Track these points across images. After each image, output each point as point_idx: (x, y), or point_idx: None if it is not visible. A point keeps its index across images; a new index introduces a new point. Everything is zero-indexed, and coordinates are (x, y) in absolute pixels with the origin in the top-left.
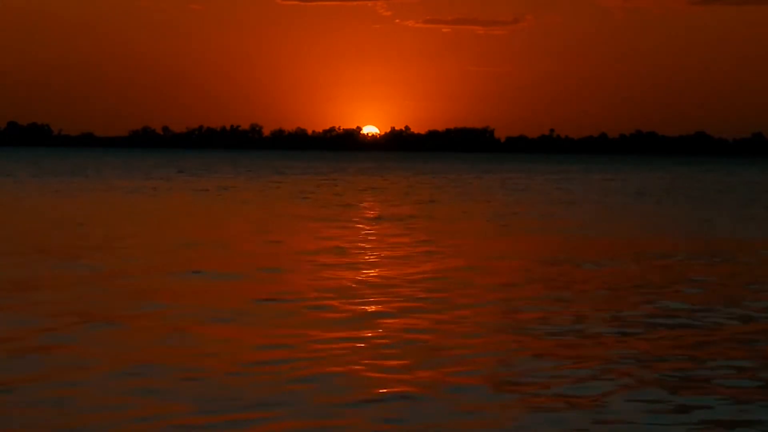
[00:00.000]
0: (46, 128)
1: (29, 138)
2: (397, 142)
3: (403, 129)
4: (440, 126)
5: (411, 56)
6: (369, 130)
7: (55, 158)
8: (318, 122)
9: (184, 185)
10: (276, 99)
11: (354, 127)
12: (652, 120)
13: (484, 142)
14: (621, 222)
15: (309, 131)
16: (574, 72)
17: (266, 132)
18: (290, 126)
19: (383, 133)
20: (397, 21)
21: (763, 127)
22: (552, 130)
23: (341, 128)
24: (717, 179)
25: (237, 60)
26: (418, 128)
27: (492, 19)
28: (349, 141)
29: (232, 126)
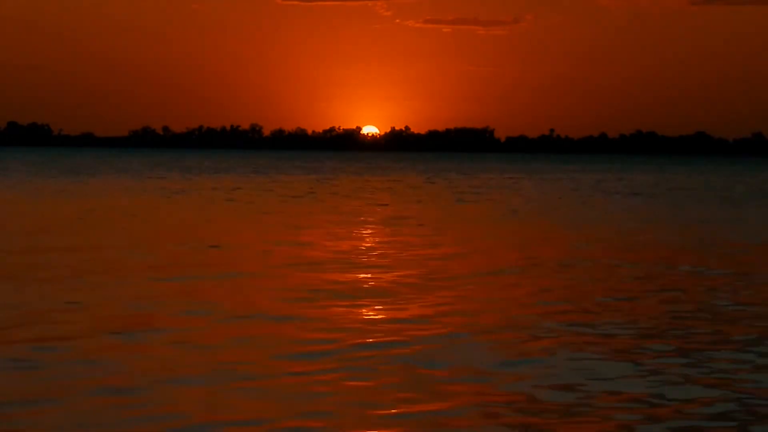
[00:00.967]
0: (46, 128)
1: (29, 138)
2: (397, 142)
3: (403, 129)
4: (440, 126)
5: (411, 56)
6: (369, 130)
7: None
8: (318, 122)
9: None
10: (276, 99)
11: (354, 127)
12: (652, 120)
13: (484, 142)
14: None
15: (309, 131)
16: (574, 72)
17: (266, 132)
18: (290, 126)
19: (383, 133)
20: (398, 21)
21: (763, 127)
22: (552, 130)
23: (341, 128)
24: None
25: (237, 60)
26: (418, 128)
27: (492, 19)
28: (349, 141)
29: (232, 126)
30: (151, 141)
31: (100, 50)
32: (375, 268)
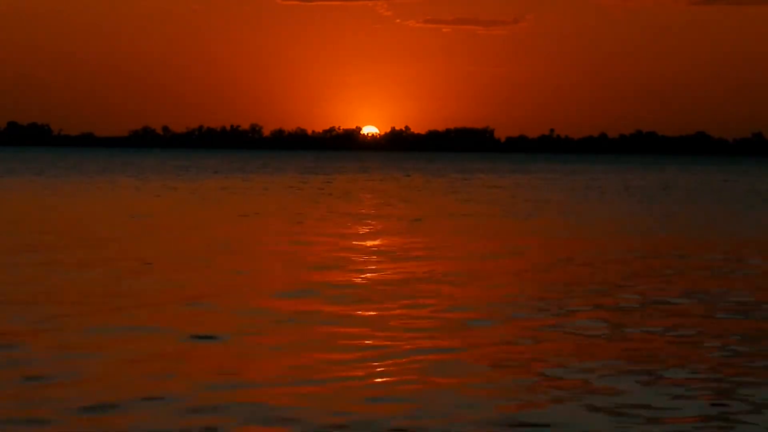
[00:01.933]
0: (46, 128)
1: (29, 138)
2: (397, 142)
3: (403, 129)
4: (440, 126)
5: (411, 56)
6: (369, 130)
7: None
8: (318, 122)
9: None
10: (276, 99)
11: (354, 127)
12: (652, 120)
13: (484, 142)
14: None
15: (309, 131)
16: (574, 72)
17: (266, 132)
18: (290, 126)
19: (383, 133)
20: (398, 21)
21: (763, 127)
22: (552, 130)
23: (341, 128)
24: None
25: (237, 60)
26: (418, 128)
27: (492, 19)
28: (349, 141)
29: (232, 126)
30: (151, 141)
31: (101, 50)
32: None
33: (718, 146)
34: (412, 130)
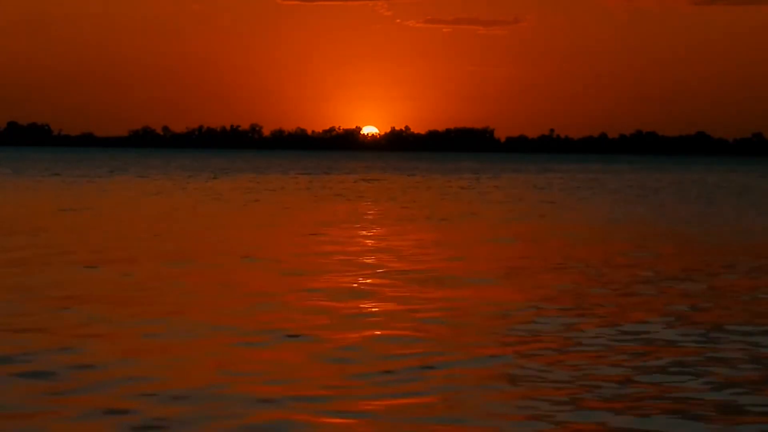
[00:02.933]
0: (46, 128)
1: (29, 138)
2: (397, 142)
3: (403, 129)
4: (440, 126)
5: (411, 56)
6: (369, 130)
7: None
8: (318, 122)
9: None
10: (276, 99)
11: (354, 127)
12: (652, 120)
13: (484, 142)
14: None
15: (309, 131)
16: (574, 72)
17: (266, 132)
18: (290, 126)
19: (383, 133)
20: (398, 21)
21: (763, 127)
22: (552, 130)
23: (341, 128)
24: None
25: (237, 60)
26: (418, 128)
27: (493, 19)
28: (349, 141)
29: (232, 126)
30: (151, 141)
31: (100, 50)
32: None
33: (718, 146)
34: (412, 130)
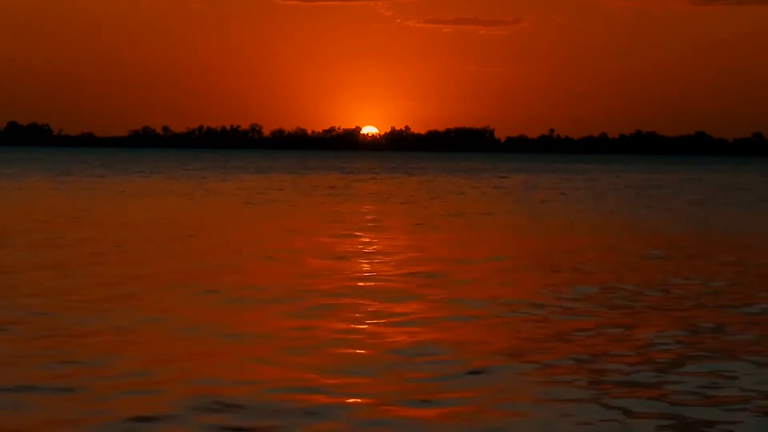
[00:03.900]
0: (46, 128)
1: (29, 138)
2: (397, 142)
3: (403, 129)
4: (440, 126)
5: (411, 56)
6: (369, 130)
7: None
8: (318, 122)
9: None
10: (276, 99)
11: (354, 127)
12: (652, 120)
13: (484, 142)
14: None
15: (309, 131)
16: (574, 72)
17: (266, 132)
18: (290, 126)
19: (383, 133)
20: (398, 21)
21: (763, 127)
22: (552, 130)
23: (341, 128)
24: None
25: (237, 60)
26: (418, 128)
27: (493, 19)
28: (349, 141)
29: (232, 126)
30: (151, 141)
31: (100, 50)
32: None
33: (718, 146)
34: (412, 130)
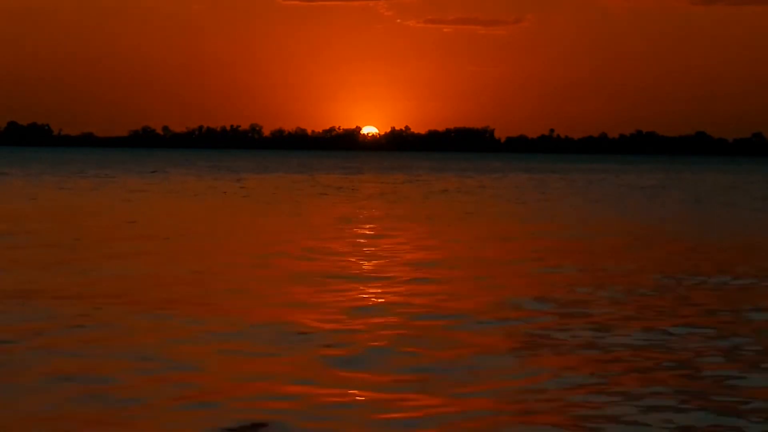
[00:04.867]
0: (46, 128)
1: (29, 138)
2: (397, 142)
3: (403, 129)
4: (440, 126)
5: (412, 56)
6: (369, 130)
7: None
8: (318, 122)
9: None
10: (276, 99)
11: (354, 127)
12: (652, 120)
13: (484, 142)
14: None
15: (309, 131)
16: (575, 72)
17: (266, 132)
18: (290, 126)
19: (383, 133)
20: (398, 21)
21: (763, 127)
22: (552, 130)
23: (341, 128)
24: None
25: (237, 60)
26: (418, 128)
27: (493, 19)
28: (349, 141)
29: (232, 126)
30: (151, 141)
31: (101, 50)
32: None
33: (718, 146)
34: (412, 130)
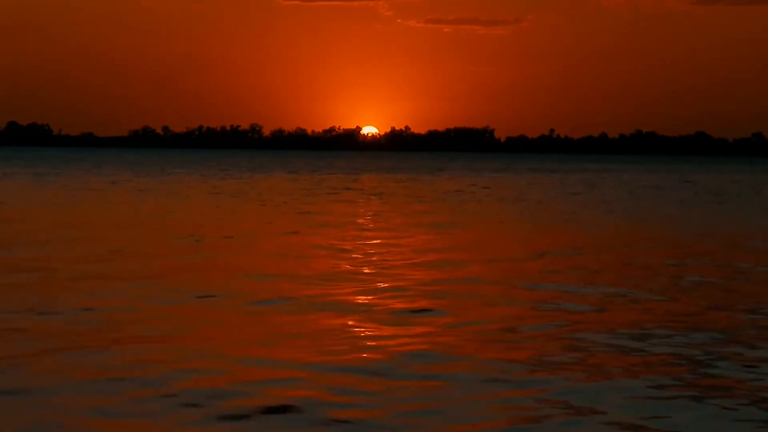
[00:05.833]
0: (46, 128)
1: (29, 138)
2: (397, 142)
3: (403, 129)
4: (440, 126)
5: (412, 56)
6: (369, 130)
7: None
8: (318, 122)
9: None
10: (276, 99)
11: (354, 127)
12: (652, 120)
13: (484, 142)
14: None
15: (309, 131)
16: (575, 72)
17: (266, 132)
18: (290, 126)
19: (383, 133)
20: (399, 21)
21: (763, 127)
22: (552, 130)
23: (341, 128)
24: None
25: (238, 60)
26: (418, 128)
27: (493, 19)
28: (349, 141)
29: (232, 126)
30: (151, 141)
31: (100, 50)
32: None
33: (718, 146)
34: (412, 130)
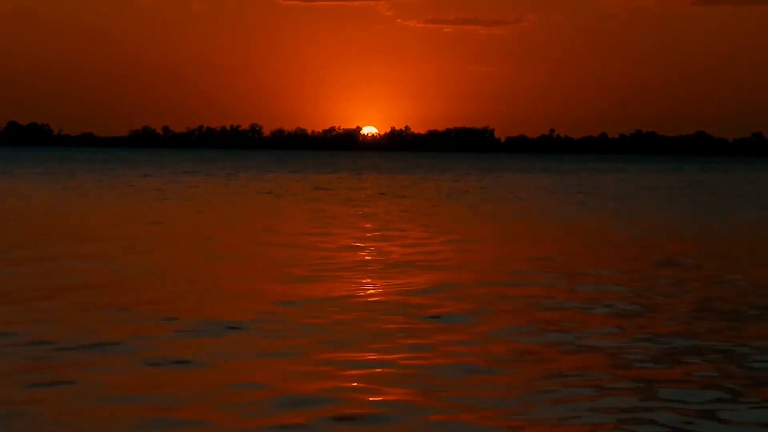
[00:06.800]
0: (46, 128)
1: (29, 138)
2: (397, 142)
3: (403, 129)
4: (440, 126)
5: (412, 56)
6: (369, 130)
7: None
8: (318, 122)
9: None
10: (276, 99)
11: (354, 127)
12: (652, 120)
13: (484, 142)
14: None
15: (309, 131)
16: (574, 72)
17: (266, 132)
18: (290, 126)
19: (383, 133)
20: (399, 21)
21: (763, 127)
22: (552, 130)
23: (341, 128)
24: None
25: (237, 60)
26: (418, 128)
27: (493, 19)
28: (349, 141)
29: (232, 126)
30: (151, 141)
31: (101, 50)
32: None
33: (718, 146)
34: (412, 130)
